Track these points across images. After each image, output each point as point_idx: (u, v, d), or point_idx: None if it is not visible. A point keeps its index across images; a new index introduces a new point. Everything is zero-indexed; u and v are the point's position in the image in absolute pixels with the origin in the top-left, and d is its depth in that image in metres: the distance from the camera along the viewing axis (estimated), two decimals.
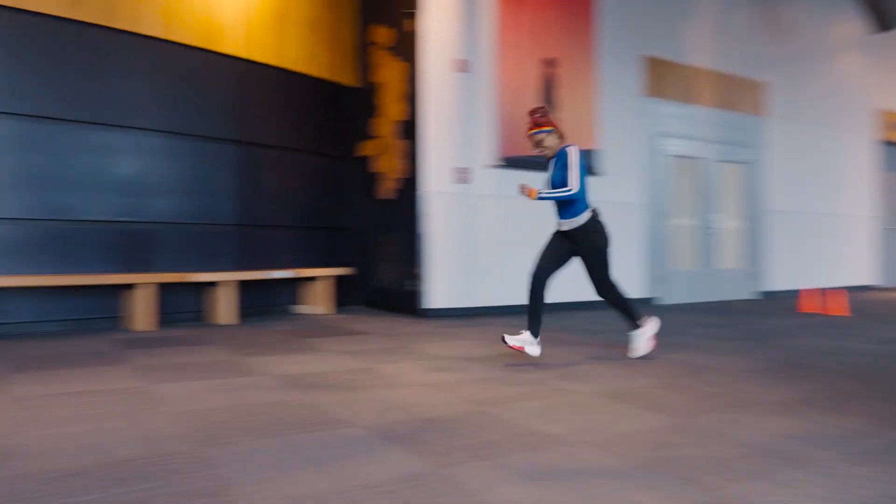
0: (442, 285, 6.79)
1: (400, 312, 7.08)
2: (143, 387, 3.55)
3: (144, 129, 6.06)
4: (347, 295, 7.78)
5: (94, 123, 5.78)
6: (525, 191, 4.17)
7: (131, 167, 6.02)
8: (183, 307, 6.30)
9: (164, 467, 2.29)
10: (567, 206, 4.29)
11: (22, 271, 5.46)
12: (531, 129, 4.31)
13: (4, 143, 5.41)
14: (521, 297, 7.28)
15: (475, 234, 6.99)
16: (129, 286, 5.78)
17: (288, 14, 7.09)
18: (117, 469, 2.27)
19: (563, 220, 4.35)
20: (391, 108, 7.29)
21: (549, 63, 7.56)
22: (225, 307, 6.19)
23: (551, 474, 2.21)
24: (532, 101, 7.43)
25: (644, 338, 4.46)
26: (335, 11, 7.66)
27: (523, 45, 7.38)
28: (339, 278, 7.54)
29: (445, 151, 6.86)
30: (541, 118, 4.29)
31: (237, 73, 6.69)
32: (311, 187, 7.48)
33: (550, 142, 4.29)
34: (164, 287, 6.04)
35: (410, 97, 6.96)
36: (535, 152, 4.38)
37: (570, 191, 4.16)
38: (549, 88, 7.55)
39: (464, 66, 6.93)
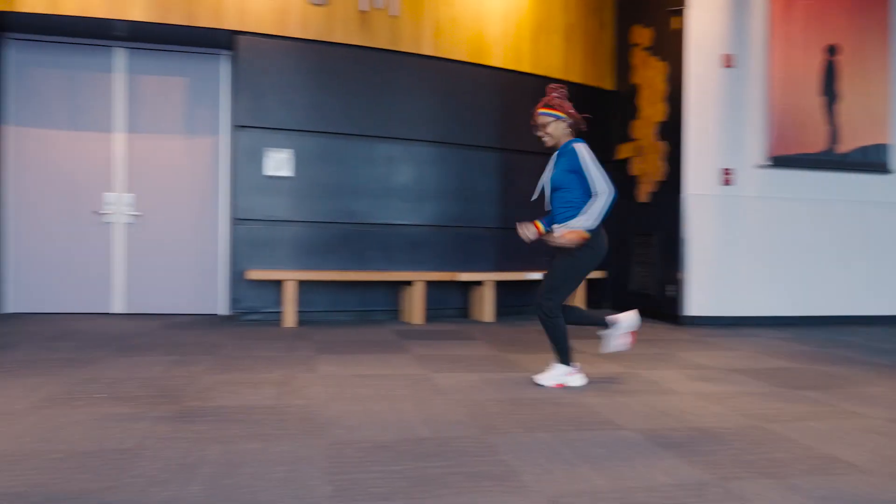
0: (703, 292, 6.50)
1: (656, 318, 6.91)
2: (424, 374, 3.93)
3: (419, 140, 6.66)
4: (599, 298, 7.78)
5: (379, 137, 6.51)
6: (567, 240, 3.53)
7: (407, 176, 6.66)
8: (447, 304, 6.81)
9: (454, 449, 2.54)
10: (564, 211, 3.65)
11: (320, 267, 6.33)
12: (540, 107, 3.74)
13: (309, 158, 6.32)
14: (792, 308, 6.74)
15: (740, 238, 6.58)
16: (406, 283, 6.41)
17: (546, 24, 7.29)
18: (414, 446, 2.57)
19: (557, 227, 3.70)
20: (650, 110, 7.15)
21: (831, 50, 6.83)
22: (486, 305, 6.57)
23: (852, 503, 2.05)
24: (809, 93, 6.78)
25: (559, 375, 3.68)
26: (593, 16, 7.71)
27: (800, 33, 6.76)
28: (591, 281, 7.57)
29: (708, 152, 6.56)
30: (555, 99, 3.72)
31: (499, 83, 7.04)
32: None
33: (555, 129, 3.70)
34: (430, 284, 6.59)
35: (671, 97, 6.76)
36: (537, 135, 3.81)
37: (603, 197, 3.51)
38: (830, 78, 6.83)
39: (731, 61, 6.56)
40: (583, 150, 3.61)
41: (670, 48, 6.81)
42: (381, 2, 6.39)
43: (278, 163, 6.24)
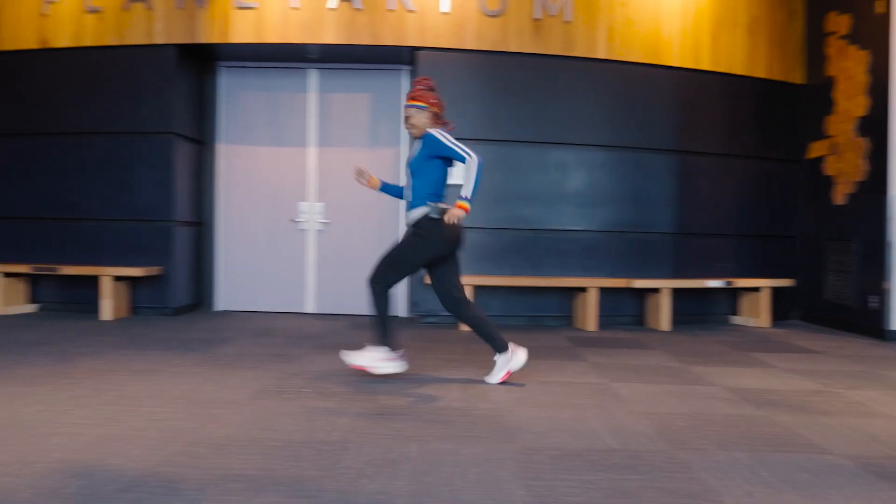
0: None
1: (854, 331, 6.32)
2: (605, 383, 3.91)
3: (592, 144, 6.60)
4: (786, 308, 7.25)
5: (552, 143, 6.54)
6: (454, 217, 3.68)
7: (580, 181, 6.62)
8: (621, 311, 6.69)
9: (645, 463, 2.52)
10: (416, 200, 3.83)
11: (494, 272, 6.48)
12: (406, 100, 3.87)
13: (483, 165, 6.46)
14: None
15: None
16: (579, 289, 6.39)
17: (727, 18, 6.91)
18: (604, 457, 2.58)
19: (407, 212, 3.90)
20: (848, 104, 6.55)
21: None
22: (662, 314, 6.37)
23: None
24: None
25: (373, 358, 3.83)
26: (780, 6, 7.18)
27: None
28: (776, 290, 7.08)
29: None
30: (419, 90, 3.85)
31: (676, 83, 6.79)
32: (749, 193, 7.17)
33: (418, 120, 3.83)
34: (603, 290, 6.50)
35: (874, 89, 6.16)
36: (406, 127, 3.92)
37: (473, 163, 3.68)
38: None
39: None
40: (438, 135, 3.73)
41: (873, 35, 6.20)
42: (555, 8, 6.42)
43: (454, 171, 6.45)
